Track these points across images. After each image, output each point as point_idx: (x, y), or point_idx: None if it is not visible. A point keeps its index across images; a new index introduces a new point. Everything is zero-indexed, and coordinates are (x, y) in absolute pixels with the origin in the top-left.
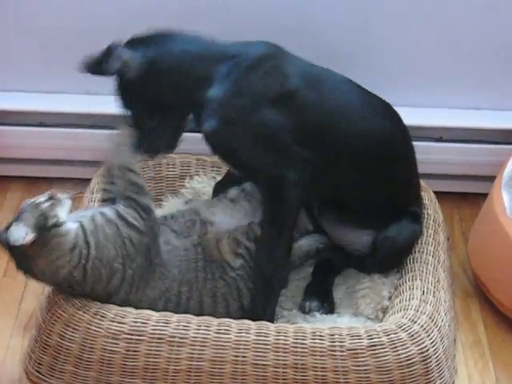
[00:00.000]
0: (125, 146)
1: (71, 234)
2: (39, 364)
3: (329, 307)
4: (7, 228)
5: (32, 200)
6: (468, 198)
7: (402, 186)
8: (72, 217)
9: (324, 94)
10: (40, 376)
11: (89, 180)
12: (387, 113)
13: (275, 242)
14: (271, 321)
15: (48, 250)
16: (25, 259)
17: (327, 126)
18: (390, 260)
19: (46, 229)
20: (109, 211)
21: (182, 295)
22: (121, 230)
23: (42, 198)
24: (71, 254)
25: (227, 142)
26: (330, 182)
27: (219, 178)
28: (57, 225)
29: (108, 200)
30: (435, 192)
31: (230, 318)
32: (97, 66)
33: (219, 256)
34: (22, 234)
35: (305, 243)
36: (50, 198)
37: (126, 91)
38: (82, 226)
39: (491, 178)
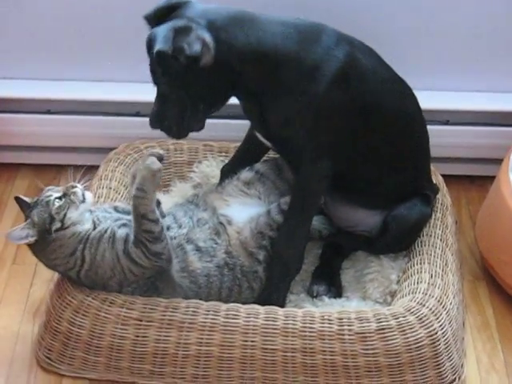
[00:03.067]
0: (152, 180)
1: (76, 238)
2: (49, 350)
3: (337, 291)
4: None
5: (47, 194)
6: (475, 181)
7: (417, 166)
8: (91, 210)
9: (371, 60)
10: (50, 362)
11: (97, 167)
12: (407, 89)
13: (299, 227)
14: (283, 306)
15: (50, 250)
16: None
17: (379, 97)
18: (401, 239)
19: (49, 231)
20: (119, 236)
21: None
22: (121, 261)
23: (56, 194)
24: (69, 257)
25: (293, 121)
26: (351, 162)
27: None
28: (62, 228)
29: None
30: (443, 175)
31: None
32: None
33: (247, 255)
34: (23, 235)
35: None
36: (65, 194)
37: (187, 73)
38: (87, 233)
39: (498, 161)
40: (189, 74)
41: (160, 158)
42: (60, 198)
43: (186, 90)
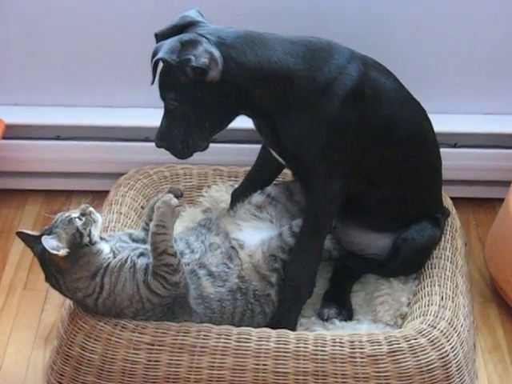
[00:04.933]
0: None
1: (102, 255)
2: (61, 375)
3: (347, 314)
4: (40, 236)
5: (66, 214)
6: (484, 204)
7: (429, 188)
8: (107, 239)
9: (385, 79)
10: None
11: (107, 192)
12: (422, 110)
13: (311, 250)
14: (294, 329)
15: (78, 266)
16: (54, 273)
17: (393, 117)
18: (411, 262)
19: (80, 246)
20: (139, 267)
21: None
22: (141, 291)
23: (75, 214)
24: (91, 280)
25: (305, 138)
26: (362, 183)
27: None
28: (91, 243)
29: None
30: (451, 198)
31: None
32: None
33: (259, 279)
34: (54, 245)
35: None
36: (83, 214)
37: (193, 87)
38: (108, 259)
39: (507, 183)
40: (195, 88)
41: (180, 194)
42: (79, 217)
43: (191, 105)
